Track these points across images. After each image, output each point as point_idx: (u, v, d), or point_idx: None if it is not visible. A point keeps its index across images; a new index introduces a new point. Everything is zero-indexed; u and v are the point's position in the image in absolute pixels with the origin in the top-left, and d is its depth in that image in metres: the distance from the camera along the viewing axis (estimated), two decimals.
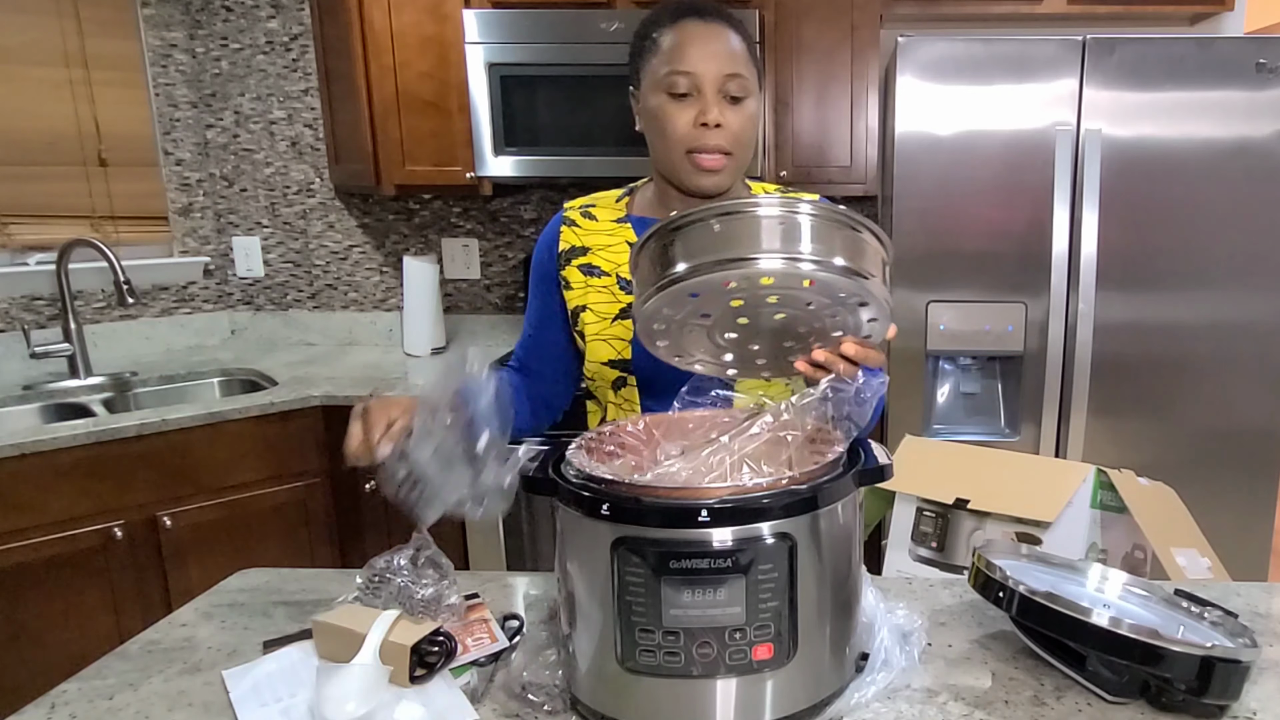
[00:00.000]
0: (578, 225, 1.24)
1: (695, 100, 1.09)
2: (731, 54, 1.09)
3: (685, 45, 1.08)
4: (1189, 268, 2.19)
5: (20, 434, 1.92)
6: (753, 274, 0.82)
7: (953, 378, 2.44)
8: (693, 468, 0.92)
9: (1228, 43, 2.12)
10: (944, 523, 1.45)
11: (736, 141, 1.11)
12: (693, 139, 1.09)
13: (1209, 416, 2.25)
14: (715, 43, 1.09)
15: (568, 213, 1.26)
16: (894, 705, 0.89)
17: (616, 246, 1.21)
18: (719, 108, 1.08)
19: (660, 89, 1.10)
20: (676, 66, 1.08)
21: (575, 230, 1.23)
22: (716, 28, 1.10)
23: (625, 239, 1.20)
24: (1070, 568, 1.08)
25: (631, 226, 1.21)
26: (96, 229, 2.65)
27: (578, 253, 1.22)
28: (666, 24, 1.11)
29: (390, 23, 2.40)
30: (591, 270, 1.20)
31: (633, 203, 1.25)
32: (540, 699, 0.89)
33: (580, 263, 1.21)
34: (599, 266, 1.20)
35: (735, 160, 1.12)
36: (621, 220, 1.22)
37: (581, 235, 1.23)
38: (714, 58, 1.08)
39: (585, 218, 1.24)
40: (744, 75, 1.09)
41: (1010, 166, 2.18)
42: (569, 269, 1.22)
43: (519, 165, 2.43)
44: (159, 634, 1.06)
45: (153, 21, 2.71)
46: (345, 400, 2.28)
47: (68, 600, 1.95)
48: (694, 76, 1.08)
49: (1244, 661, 0.85)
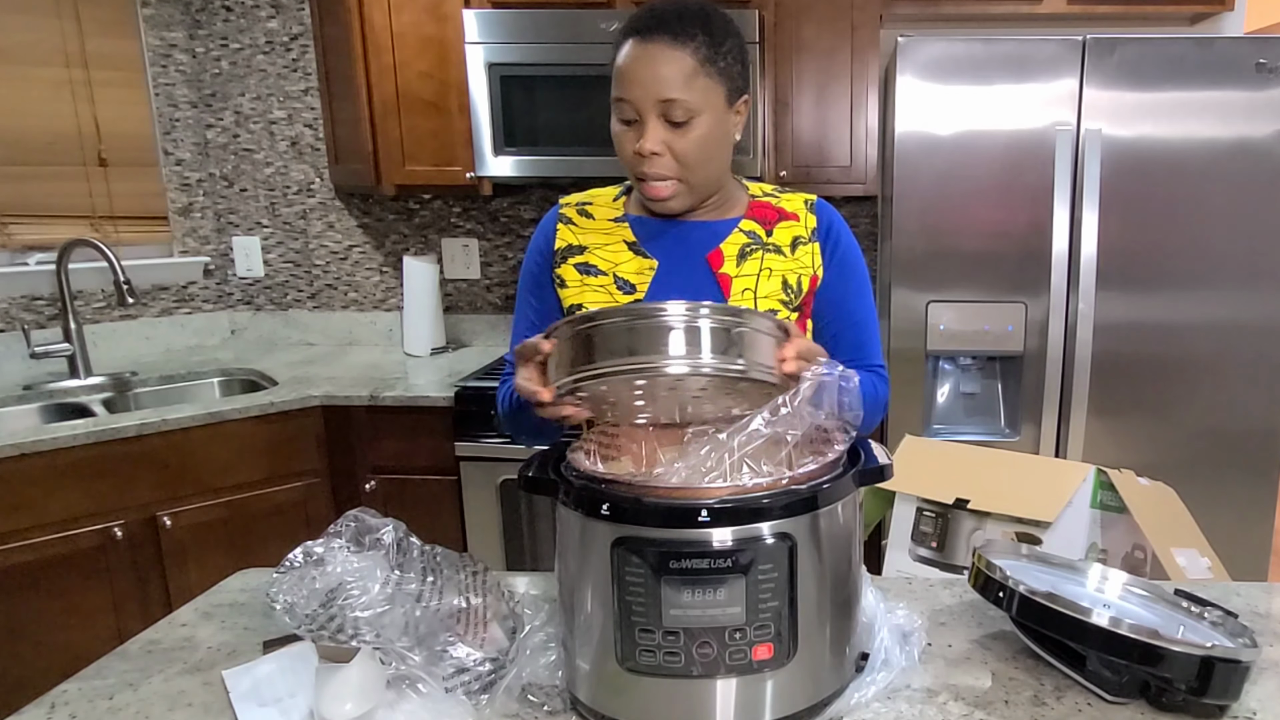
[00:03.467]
0: (574, 223, 1.22)
1: (638, 126, 1.07)
2: (669, 78, 1.04)
3: (625, 70, 1.06)
4: (1189, 268, 2.19)
5: (20, 434, 1.93)
6: (658, 378, 0.84)
7: (953, 378, 2.44)
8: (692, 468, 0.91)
9: (1228, 43, 2.12)
10: (944, 523, 1.45)
11: (683, 166, 1.08)
12: (636, 165, 1.09)
13: (1209, 416, 2.25)
14: (653, 66, 1.04)
15: (564, 209, 1.24)
16: (894, 705, 0.89)
17: (614, 246, 1.19)
18: (656, 135, 1.06)
19: (613, 111, 1.09)
20: (618, 93, 1.07)
21: (572, 228, 1.22)
22: (656, 48, 1.04)
23: (623, 238, 1.19)
24: (1070, 568, 1.08)
25: (629, 226, 1.20)
26: (96, 229, 2.65)
27: (574, 251, 1.20)
28: (620, 41, 1.08)
29: (390, 23, 2.40)
30: (588, 269, 1.19)
31: (629, 201, 1.23)
32: (540, 699, 0.89)
33: (577, 261, 1.19)
34: (596, 265, 1.19)
35: (686, 185, 1.10)
36: (619, 219, 1.21)
37: (578, 233, 1.21)
38: (651, 83, 1.04)
39: (582, 215, 1.22)
40: (682, 99, 1.04)
41: (1010, 166, 2.18)
42: (565, 267, 1.20)
43: (519, 165, 2.43)
44: (159, 634, 1.06)
45: (153, 21, 2.71)
46: (345, 400, 2.28)
47: (68, 600, 1.95)
48: (631, 103, 1.06)
49: (1244, 661, 0.85)
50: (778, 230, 1.18)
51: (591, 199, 1.25)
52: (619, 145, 1.10)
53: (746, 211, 1.20)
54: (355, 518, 1.01)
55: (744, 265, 1.16)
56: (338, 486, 2.32)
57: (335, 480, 2.32)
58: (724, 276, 1.15)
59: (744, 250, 1.17)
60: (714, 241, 1.17)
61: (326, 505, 2.31)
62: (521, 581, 1.19)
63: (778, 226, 1.19)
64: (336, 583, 0.90)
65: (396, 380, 2.43)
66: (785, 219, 1.19)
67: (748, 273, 1.16)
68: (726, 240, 1.17)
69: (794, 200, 1.22)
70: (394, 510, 2.51)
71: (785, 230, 1.19)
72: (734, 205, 1.20)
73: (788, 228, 1.19)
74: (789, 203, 1.21)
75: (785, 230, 1.19)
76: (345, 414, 2.30)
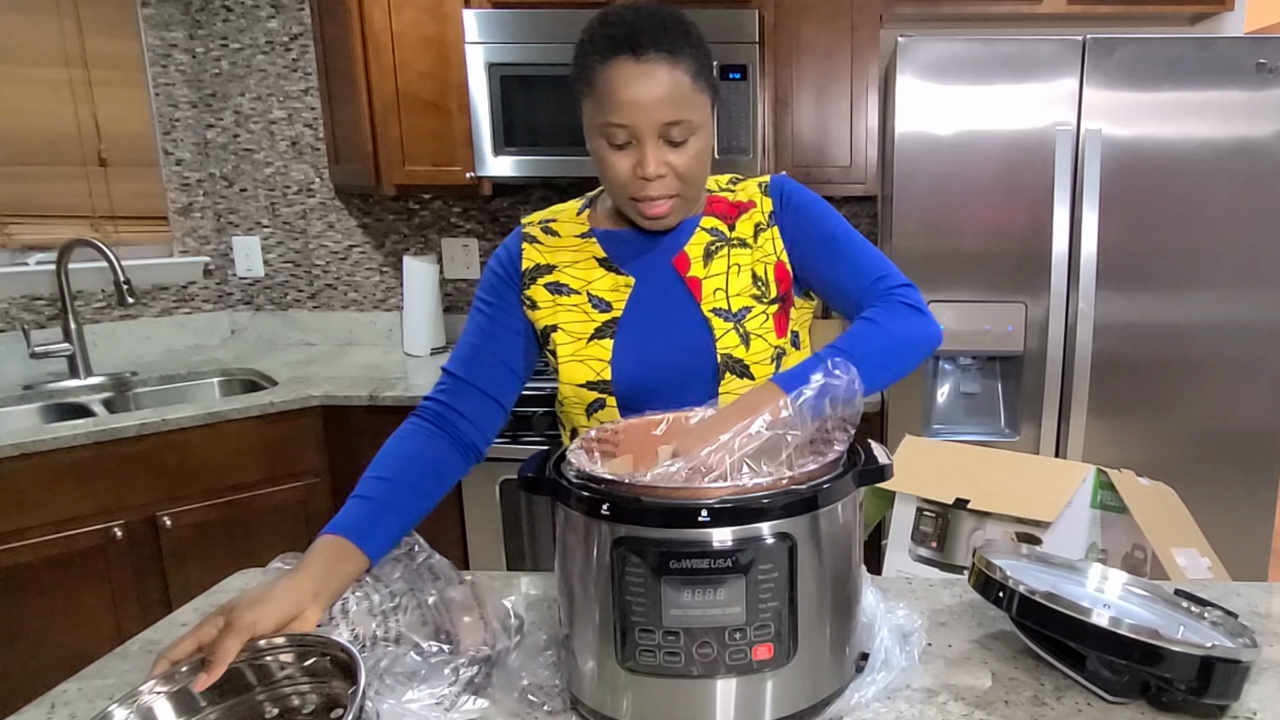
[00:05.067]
0: (539, 242, 1.18)
1: (635, 149, 1.03)
2: (669, 98, 1.00)
3: (619, 93, 1.00)
4: (1189, 268, 2.19)
5: (20, 434, 1.93)
6: None
7: (953, 378, 2.44)
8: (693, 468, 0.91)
9: (1228, 43, 2.12)
10: (944, 523, 1.45)
11: (683, 182, 1.06)
12: (634, 188, 1.05)
13: (1209, 416, 2.25)
14: (652, 87, 1.00)
15: (527, 229, 1.19)
16: (894, 705, 0.89)
17: (584, 263, 1.16)
18: (658, 156, 1.03)
19: (599, 135, 1.05)
20: (611, 119, 1.02)
21: (538, 247, 1.17)
22: (651, 66, 1.00)
23: (592, 254, 1.16)
24: (1070, 568, 1.08)
25: (597, 241, 1.17)
26: (96, 229, 2.65)
27: (543, 270, 1.16)
28: (601, 59, 1.02)
29: (390, 23, 2.40)
30: (559, 289, 1.15)
31: (595, 215, 1.19)
32: (540, 699, 0.89)
33: (546, 281, 1.16)
34: (567, 284, 1.15)
35: (683, 199, 1.08)
36: (586, 235, 1.17)
37: (545, 253, 1.17)
38: (652, 107, 1.00)
39: (547, 234, 1.18)
40: (685, 119, 1.02)
41: (1010, 166, 2.18)
42: (534, 288, 1.16)
43: (519, 165, 2.43)
44: (159, 634, 1.06)
45: (153, 21, 2.71)
46: (345, 400, 2.28)
47: (68, 600, 1.95)
48: (630, 129, 1.01)
49: (1244, 661, 0.85)
50: (740, 224, 1.16)
51: (555, 215, 1.21)
52: (609, 169, 1.05)
53: (706, 208, 1.18)
54: None
55: (711, 265, 1.14)
56: (338, 486, 2.32)
57: (335, 480, 2.32)
58: (693, 280, 1.14)
59: (709, 249, 1.15)
60: (678, 245, 1.15)
61: (326, 505, 2.31)
62: (521, 581, 1.19)
63: (739, 220, 1.16)
64: None
65: (396, 380, 2.42)
66: (743, 210, 1.17)
67: (716, 271, 1.14)
68: (690, 241, 1.15)
69: (748, 188, 1.19)
70: None
71: (746, 222, 1.16)
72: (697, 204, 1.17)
73: (747, 219, 1.16)
74: (744, 192, 1.18)
75: (746, 222, 1.16)
76: (345, 414, 2.30)
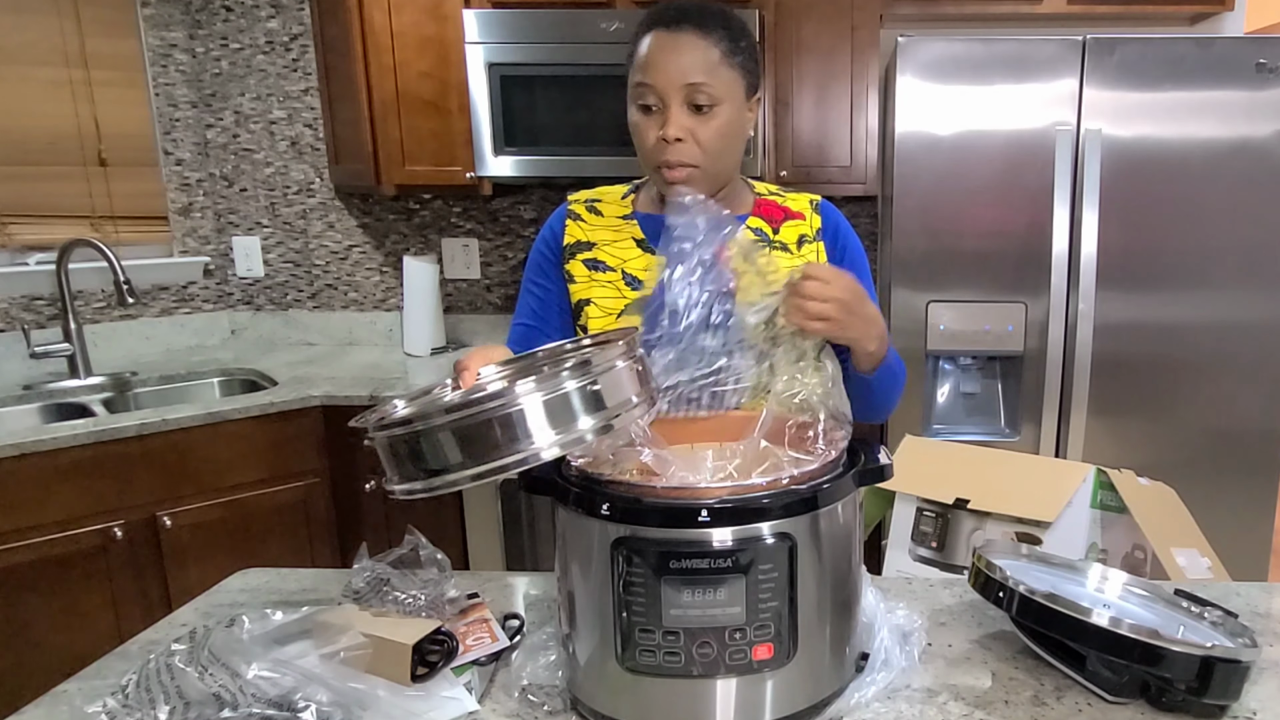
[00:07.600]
0: (583, 219, 1.23)
1: (660, 113, 1.08)
2: (695, 64, 1.06)
3: (650, 56, 1.07)
4: (1189, 268, 2.19)
5: (20, 434, 1.92)
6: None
7: (953, 378, 2.44)
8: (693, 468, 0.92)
9: (1228, 43, 2.12)
10: (944, 523, 1.45)
11: (704, 154, 1.09)
12: (658, 153, 1.09)
13: (1209, 416, 2.25)
14: (679, 53, 1.06)
15: (572, 206, 1.25)
16: (894, 705, 0.89)
17: (622, 243, 1.21)
18: (680, 121, 1.07)
19: (633, 101, 1.10)
20: (640, 79, 1.08)
21: (580, 224, 1.23)
22: (683, 36, 1.07)
23: (631, 235, 1.21)
24: (1070, 568, 1.08)
25: (638, 223, 1.21)
26: (96, 229, 2.65)
27: (583, 247, 1.21)
28: (642, 32, 1.10)
29: (390, 23, 2.40)
30: (596, 265, 1.20)
31: (638, 199, 1.25)
32: (540, 699, 0.89)
33: (585, 257, 1.21)
34: (604, 262, 1.20)
35: (703, 171, 1.10)
36: (627, 217, 1.22)
37: (586, 230, 1.22)
38: (675, 69, 1.06)
39: (590, 212, 1.24)
40: (707, 84, 1.06)
41: (1010, 166, 2.18)
42: (573, 263, 1.21)
43: (519, 165, 2.43)
44: (159, 634, 1.06)
45: (153, 21, 2.71)
46: (345, 400, 2.28)
47: (68, 600, 1.95)
48: (656, 89, 1.07)
49: (1244, 661, 0.85)
50: (784, 229, 1.20)
51: (601, 196, 1.26)
52: (639, 134, 1.10)
53: (753, 209, 1.21)
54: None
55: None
56: (337, 486, 2.32)
57: (335, 480, 2.32)
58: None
59: None
60: None
61: (326, 505, 2.31)
62: (521, 581, 1.19)
63: (784, 225, 1.20)
64: None
65: (396, 380, 2.42)
66: (791, 218, 1.21)
67: None
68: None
69: (799, 200, 1.23)
70: (393, 511, 2.51)
71: (791, 229, 1.20)
72: (741, 203, 1.21)
73: (794, 226, 1.20)
74: (794, 202, 1.23)
75: (791, 229, 1.20)
76: (345, 414, 2.30)
